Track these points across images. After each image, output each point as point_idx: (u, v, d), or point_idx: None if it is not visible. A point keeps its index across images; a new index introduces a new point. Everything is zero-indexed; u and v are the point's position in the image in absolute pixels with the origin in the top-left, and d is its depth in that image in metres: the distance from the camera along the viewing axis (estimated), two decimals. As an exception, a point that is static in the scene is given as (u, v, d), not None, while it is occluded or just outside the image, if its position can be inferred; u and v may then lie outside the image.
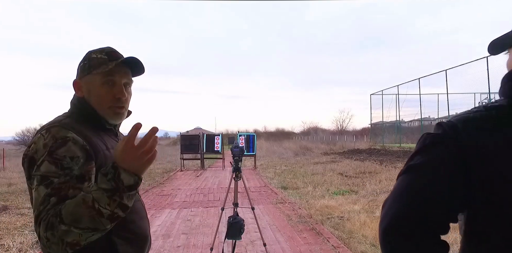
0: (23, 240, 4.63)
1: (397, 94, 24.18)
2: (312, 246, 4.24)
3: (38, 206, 0.96)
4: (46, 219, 0.93)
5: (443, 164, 0.76)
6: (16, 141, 38.64)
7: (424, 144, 0.81)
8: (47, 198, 0.96)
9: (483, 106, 0.80)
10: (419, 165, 0.78)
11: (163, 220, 5.71)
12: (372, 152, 21.34)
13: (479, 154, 0.74)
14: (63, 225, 0.92)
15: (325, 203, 6.63)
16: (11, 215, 6.33)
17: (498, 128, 0.74)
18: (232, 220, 3.42)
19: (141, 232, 1.21)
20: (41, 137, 1.04)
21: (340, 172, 11.74)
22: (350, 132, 48.60)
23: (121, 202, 0.96)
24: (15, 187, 9.59)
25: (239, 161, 3.67)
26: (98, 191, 0.95)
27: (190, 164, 15.91)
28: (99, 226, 0.94)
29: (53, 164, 0.99)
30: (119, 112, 1.21)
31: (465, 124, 0.78)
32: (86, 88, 1.18)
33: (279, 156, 21.37)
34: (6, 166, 15.30)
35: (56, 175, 0.98)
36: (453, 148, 0.76)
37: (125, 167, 0.97)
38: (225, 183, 10.09)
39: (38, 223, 0.95)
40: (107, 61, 1.17)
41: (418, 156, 0.80)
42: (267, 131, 64.34)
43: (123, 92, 1.18)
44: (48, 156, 1.00)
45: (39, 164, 1.00)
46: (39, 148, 1.02)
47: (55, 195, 0.96)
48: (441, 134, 0.79)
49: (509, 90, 0.79)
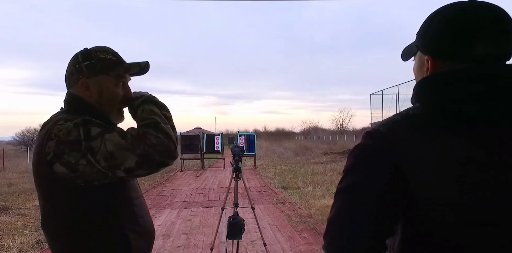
0: (23, 240, 4.63)
1: (397, 93, 24.17)
2: (312, 246, 4.24)
3: (125, 139, 1.02)
4: (146, 130, 1.06)
5: (379, 183, 0.74)
6: (16, 142, 38.69)
7: (357, 160, 0.78)
8: (124, 133, 1.05)
9: (404, 113, 0.79)
10: (356, 186, 0.76)
11: (163, 220, 5.71)
12: (372, 151, 21.30)
13: (411, 167, 0.72)
14: (165, 124, 1.09)
15: (325, 203, 6.63)
16: (11, 215, 6.33)
17: (428, 137, 0.73)
18: (233, 220, 3.41)
19: (149, 227, 1.23)
20: (62, 125, 1.04)
21: (340, 171, 11.68)
22: (350, 131, 48.64)
23: (157, 101, 1.22)
24: (15, 187, 9.59)
25: (239, 161, 3.67)
26: (145, 111, 1.14)
27: (190, 164, 15.91)
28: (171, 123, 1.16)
29: (98, 126, 1.04)
30: (123, 113, 1.26)
31: (394, 132, 0.76)
32: (97, 88, 1.17)
33: (279, 156, 21.38)
34: (6, 167, 15.31)
35: (109, 129, 1.05)
36: (386, 162, 0.74)
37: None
38: (225, 183, 10.09)
39: (142, 140, 1.02)
40: (119, 63, 1.19)
41: (354, 174, 0.77)
42: (267, 131, 64.42)
43: (132, 94, 1.24)
44: (86, 127, 1.03)
45: (86, 135, 1.01)
46: (70, 131, 1.02)
47: (127, 132, 1.06)
48: (372, 146, 0.77)
49: (427, 97, 0.78)
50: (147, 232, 1.21)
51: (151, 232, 1.24)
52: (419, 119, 0.76)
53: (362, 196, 0.74)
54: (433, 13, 0.82)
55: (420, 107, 0.79)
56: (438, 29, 0.79)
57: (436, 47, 0.80)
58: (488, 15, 0.75)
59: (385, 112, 25.89)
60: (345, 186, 0.78)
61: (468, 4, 0.76)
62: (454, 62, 0.77)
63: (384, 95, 25.91)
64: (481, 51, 0.75)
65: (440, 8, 0.80)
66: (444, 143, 0.71)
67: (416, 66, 0.88)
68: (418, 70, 0.87)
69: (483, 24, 0.74)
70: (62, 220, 1.08)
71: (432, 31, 0.80)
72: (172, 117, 1.18)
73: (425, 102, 0.78)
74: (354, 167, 0.78)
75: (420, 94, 0.80)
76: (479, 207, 0.69)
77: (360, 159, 0.78)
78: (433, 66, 0.81)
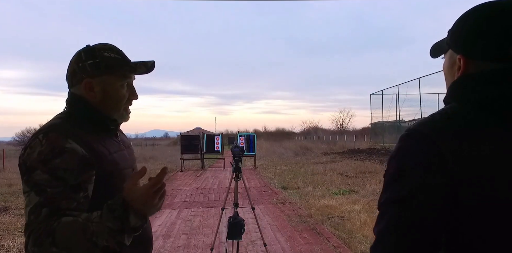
0: (23, 240, 4.63)
1: (397, 93, 24.20)
2: (313, 246, 4.24)
3: (29, 215, 0.94)
4: (37, 234, 0.91)
5: (433, 189, 0.69)
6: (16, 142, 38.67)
7: (403, 164, 0.73)
8: (39, 208, 0.93)
9: (443, 113, 0.77)
10: (409, 194, 0.70)
11: (164, 221, 5.71)
12: (372, 152, 21.33)
13: (461, 168, 0.68)
14: (55, 247, 0.89)
15: (325, 203, 6.63)
16: (12, 215, 6.33)
17: (475, 136, 0.70)
18: (233, 220, 3.41)
19: (146, 235, 1.17)
20: (38, 142, 0.99)
21: (340, 172, 11.74)
22: (350, 132, 48.56)
23: (122, 242, 0.93)
24: (15, 187, 9.58)
25: (239, 161, 3.67)
26: (101, 226, 0.91)
27: (190, 164, 15.90)
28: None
29: (47, 174, 0.95)
30: (129, 112, 1.22)
31: (438, 132, 0.72)
32: (101, 88, 1.12)
33: (279, 156, 21.36)
34: (6, 167, 15.29)
35: (49, 184, 0.95)
36: (435, 164, 0.70)
37: (136, 208, 0.93)
38: (225, 183, 10.09)
39: (27, 234, 0.92)
40: (124, 62, 1.14)
41: (403, 181, 0.72)
42: (267, 131, 64.31)
43: (137, 93, 1.21)
44: (42, 165, 0.96)
45: (32, 171, 0.96)
46: (33, 155, 0.98)
47: (47, 205, 0.93)
48: (418, 149, 0.72)
49: (466, 96, 0.76)
50: (144, 241, 1.16)
51: (148, 240, 1.20)
52: (461, 118, 0.74)
53: (418, 205, 0.70)
54: (468, 11, 0.80)
55: (457, 106, 0.77)
56: (473, 29, 0.77)
57: (470, 47, 0.78)
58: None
59: (385, 112, 25.93)
60: (395, 195, 0.73)
61: (505, 4, 0.75)
62: (488, 62, 0.76)
63: (384, 95, 25.93)
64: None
65: (475, 7, 0.79)
66: (491, 142, 0.70)
67: (447, 64, 0.86)
68: (449, 68, 0.85)
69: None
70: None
71: (467, 30, 0.79)
72: (112, 251, 0.94)
73: (464, 102, 0.77)
74: (402, 173, 0.73)
75: (458, 93, 0.79)
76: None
77: (407, 164, 0.73)
78: (466, 66, 0.79)
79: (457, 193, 0.69)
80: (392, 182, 0.75)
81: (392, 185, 0.74)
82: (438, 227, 0.70)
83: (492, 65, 0.75)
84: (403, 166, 0.73)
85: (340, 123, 58.26)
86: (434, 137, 0.71)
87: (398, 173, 0.74)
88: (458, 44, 0.81)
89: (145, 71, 1.18)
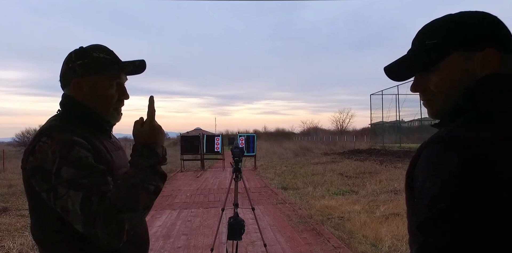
0: (23, 241, 4.63)
1: (397, 94, 24.21)
2: (313, 247, 4.24)
3: (81, 210, 0.93)
4: (101, 217, 0.92)
5: (490, 205, 0.60)
6: (16, 143, 38.64)
7: (450, 191, 0.62)
8: (87, 200, 0.94)
9: (469, 121, 0.68)
10: (467, 211, 0.60)
11: (164, 221, 5.70)
12: (372, 152, 21.33)
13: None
14: (123, 214, 0.94)
15: (326, 204, 6.63)
16: (12, 216, 6.33)
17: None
18: (233, 221, 3.41)
19: (142, 235, 1.20)
20: (43, 144, 1.00)
21: (340, 172, 11.74)
22: (350, 132, 48.61)
23: (163, 172, 1.06)
24: (15, 188, 9.57)
25: (239, 161, 3.67)
26: (140, 171, 1.01)
27: (190, 165, 15.90)
28: (150, 203, 1.02)
29: (73, 168, 0.97)
30: (121, 112, 1.23)
31: (477, 143, 0.63)
32: (90, 88, 1.14)
33: (279, 157, 21.37)
34: (6, 167, 15.28)
35: (82, 176, 0.96)
36: (488, 188, 0.60)
37: (153, 142, 1.07)
38: (225, 183, 10.08)
39: (91, 224, 0.93)
40: (113, 62, 1.16)
41: (451, 209, 0.61)
42: (267, 132, 64.39)
43: (127, 93, 1.22)
44: (64, 161, 0.97)
45: (56, 172, 0.96)
46: (47, 157, 0.98)
47: (93, 194, 0.95)
48: (465, 170, 0.61)
49: (499, 101, 0.69)
50: (140, 241, 1.18)
51: (143, 240, 1.21)
52: (502, 127, 0.66)
53: (480, 223, 0.60)
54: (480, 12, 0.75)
55: (491, 114, 0.68)
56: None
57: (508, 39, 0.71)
58: None
59: (385, 112, 25.94)
60: (450, 211, 0.61)
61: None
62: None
63: (384, 96, 25.94)
64: None
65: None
66: None
67: (451, 76, 0.75)
68: (458, 79, 0.74)
69: None
70: (47, 230, 1.06)
71: (495, 21, 0.73)
72: (160, 190, 1.05)
73: (500, 108, 0.68)
74: (452, 193, 0.61)
75: (491, 98, 0.69)
76: None
77: (454, 183, 0.62)
78: (499, 62, 0.71)
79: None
80: (442, 198, 0.63)
81: (442, 200, 0.63)
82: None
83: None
84: (448, 186, 0.63)
85: (340, 123, 58.36)
86: (476, 149, 0.63)
87: (442, 198, 0.63)
88: (483, 37, 0.72)
89: (133, 69, 1.19)
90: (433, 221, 0.62)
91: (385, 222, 5.15)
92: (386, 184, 8.76)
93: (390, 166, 13.10)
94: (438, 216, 0.62)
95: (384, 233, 4.58)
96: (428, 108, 0.83)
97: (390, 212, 5.71)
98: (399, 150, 20.09)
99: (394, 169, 12.03)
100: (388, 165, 13.77)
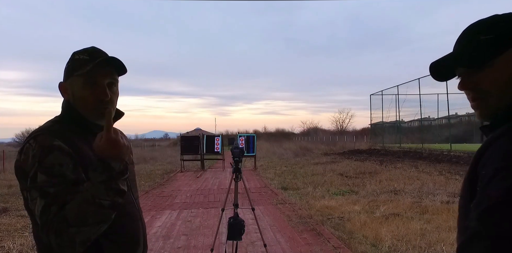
0: (23, 242, 4.63)
1: (397, 94, 24.21)
2: (313, 247, 4.24)
3: (40, 217, 0.98)
4: (53, 227, 0.95)
5: None
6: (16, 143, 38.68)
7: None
8: (47, 208, 0.97)
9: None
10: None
11: (164, 221, 5.70)
12: (372, 152, 21.33)
13: None
14: (72, 227, 0.95)
15: (325, 204, 6.63)
16: (11, 217, 6.32)
17: None
18: (233, 221, 3.41)
19: (132, 235, 1.20)
20: (29, 147, 1.04)
21: (340, 172, 11.73)
22: (350, 132, 48.61)
23: (118, 188, 1.01)
24: (15, 189, 9.57)
25: (239, 162, 3.67)
26: (94, 186, 0.99)
27: (190, 165, 15.90)
28: (104, 218, 1.00)
29: (44, 174, 1.00)
30: (106, 112, 1.14)
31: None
32: (71, 90, 1.16)
33: (279, 157, 21.36)
34: (6, 168, 15.29)
35: (50, 184, 0.99)
36: None
37: (112, 157, 1.00)
38: (225, 184, 10.08)
39: (45, 232, 0.96)
40: (88, 61, 1.13)
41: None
42: (267, 132, 64.40)
43: (106, 92, 1.15)
44: (39, 166, 1.00)
45: (32, 176, 1.00)
46: (28, 159, 1.02)
47: (54, 203, 0.97)
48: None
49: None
50: (128, 241, 1.18)
51: (134, 241, 1.20)
52: None
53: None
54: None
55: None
56: None
57: None
58: None
59: (385, 112, 25.94)
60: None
61: None
62: None
63: (384, 96, 25.94)
64: None
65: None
66: None
67: (506, 77, 0.73)
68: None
69: None
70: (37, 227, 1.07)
71: None
72: (118, 204, 1.03)
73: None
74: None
75: None
76: None
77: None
78: None
79: None
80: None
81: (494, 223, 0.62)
82: None
83: None
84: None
85: (340, 123, 58.35)
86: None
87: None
88: None
89: (106, 64, 1.14)
90: (499, 209, 0.61)
91: (385, 222, 5.15)
92: (386, 184, 8.76)
93: (390, 166, 13.10)
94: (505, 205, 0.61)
95: (384, 233, 4.58)
96: (479, 108, 0.79)
97: (390, 212, 5.71)
98: (399, 150, 20.09)
99: (394, 169, 12.03)
100: (388, 165, 13.77)
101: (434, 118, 26.17)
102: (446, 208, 5.90)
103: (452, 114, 22.67)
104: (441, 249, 3.99)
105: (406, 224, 5.03)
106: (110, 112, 1.04)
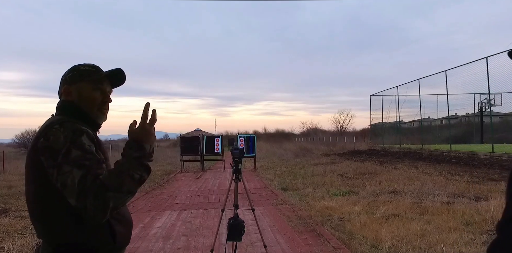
0: (23, 242, 4.62)
1: (396, 95, 24.20)
2: (313, 248, 4.23)
3: (78, 185, 1.14)
4: (92, 191, 1.13)
5: None
6: (15, 144, 38.63)
7: None
8: (84, 178, 1.14)
9: None
10: None
11: (163, 222, 5.70)
12: (372, 153, 21.34)
13: None
14: (109, 192, 1.14)
15: (325, 204, 6.63)
16: (11, 217, 6.32)
17: None
18: (233, 222, 3.41)
19: (128, 216, 1.42)
20: (57, 130, 1.21)
21: (340, 173, 11.73)
22: (350, 133, 48.64)
23: (148, 165, 1.25)
24: (15, 189, 9.57)
25: (239, 162, 3.67)
26: (129, 161, 1.21)
27: (190, 165, 15.89)
28: (133, 189, 1.20)
29: (79, 150, 1.19)
30: (105, 113, 1.44)
31: None
32: (77, 93, 1.37)
33: (279, 158, 21.36)
34: (6, 169, 15.27)
35: (85, 158, 1.18)
36: None
37: (143, 141, 1.25)
38: (225, 184, 10.08)
39: (83, 196, 1.13)
40: (94, 72, 1.40)
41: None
42: (267, 133, 64.34)
43: (109, 97, 1.43)
44: (72, 144, 1.19)
45: (65, 152, 1.17)
46: (59, 139, 1.19)
47: (90, 174, 1.16)
48: None
49: None
50: (126, 220, 1.38)
51: (129, 221, 1.41)
52: None
53: None
54: None
55: None
56: None
57: None
58: None
59: (385, 113, 25.94)
60: None
61: None
62: None
63: (384, 96, 25.93)
64: None
65: None
66: None
67: None
68: None
69: None
70: (49, 203, 1.22)
71: None
72: (144, 180, 1.25)
73: None
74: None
75: None
76: None
77: None
78: None
79: None
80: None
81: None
82: None
83: None
84: None
85: (339, 124, 58.37)
86: None
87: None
88: None
89: (114, 76, 1.43)
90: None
91: (385, 223, 5.15)
92: (386, 185, 8.75)
93: (390, 167, 13.11)
94: None
95: (384, 234, 4.57)
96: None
97: (390, 213, 5.70)
98: (399, 151, 20.10)
99: (394, 170, 12.03)
100: (388, 165, 13.77)
101: (434, 118, 26.14)
102: (446, 208, 5.90)
103: (452, 115, 22.65)
104: (441, 250, 3.99)
105: (406, 224, 5.03)
106: (148, 105, 1.29)
